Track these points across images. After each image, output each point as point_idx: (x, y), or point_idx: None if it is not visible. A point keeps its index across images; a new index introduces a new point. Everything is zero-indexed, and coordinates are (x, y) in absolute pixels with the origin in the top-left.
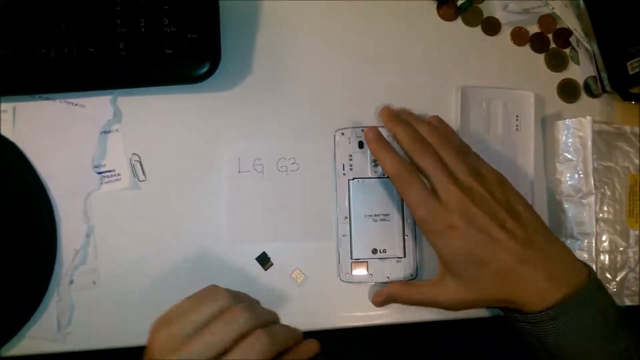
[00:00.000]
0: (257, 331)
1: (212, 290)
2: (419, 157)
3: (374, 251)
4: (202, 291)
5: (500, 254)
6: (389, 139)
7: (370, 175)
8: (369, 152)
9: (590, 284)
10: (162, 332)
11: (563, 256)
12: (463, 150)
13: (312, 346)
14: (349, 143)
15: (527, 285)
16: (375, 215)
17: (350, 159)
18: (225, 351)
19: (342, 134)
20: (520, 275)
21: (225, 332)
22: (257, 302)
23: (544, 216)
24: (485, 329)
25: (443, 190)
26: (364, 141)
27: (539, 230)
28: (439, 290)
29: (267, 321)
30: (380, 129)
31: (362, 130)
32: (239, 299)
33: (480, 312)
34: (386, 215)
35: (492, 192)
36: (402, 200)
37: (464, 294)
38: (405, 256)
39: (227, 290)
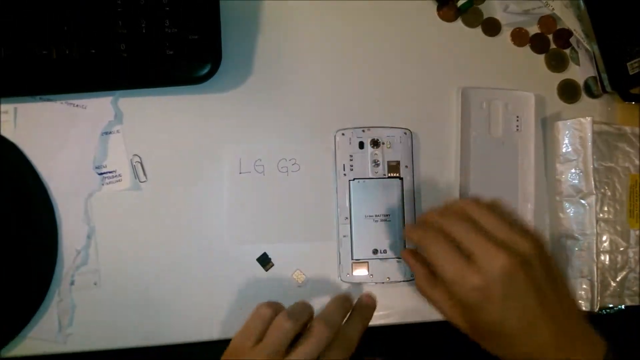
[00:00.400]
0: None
1: (255, 314)
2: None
3: (375, 251)
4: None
5: (536, 331)
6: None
7: (370, 176)
8: (369, 152)
9: None
10: None
11: (586, 337)
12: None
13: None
14: (350, 143)
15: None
16: (376, 215)
17: (351, 160)
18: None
19: (343, 134)
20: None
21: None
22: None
23: (545, 216)
24: None
25: (480, 252)
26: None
27: (572, 307)
28: (453, 314)
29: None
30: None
31: (363, 131)
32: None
33: None
34: (387, 215)
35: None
36: (403, 200)
37: (472, 333)
38: None
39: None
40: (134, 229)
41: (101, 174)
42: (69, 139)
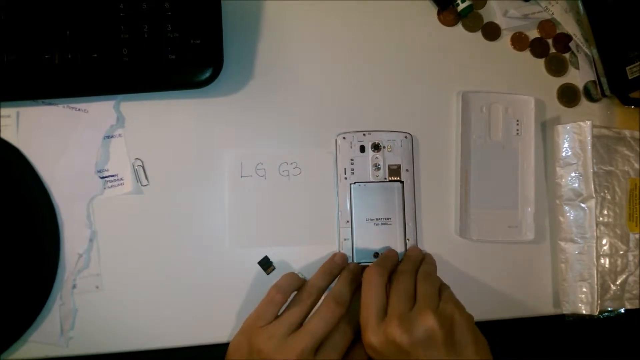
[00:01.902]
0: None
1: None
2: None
3: (375, 255)
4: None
5: None
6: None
7: (371, 179)
8: (370, 156)
9: None
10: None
11: None
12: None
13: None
14: (351, 147)
15: None
16: (377, 219)
17: (352, 163)
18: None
19: (344, 138)
20: None
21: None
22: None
23: (545, 220)
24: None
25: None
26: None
27: None
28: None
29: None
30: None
31: (364, 135)
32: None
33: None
34: (387, 219)
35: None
36: (404, 204)
37: None
38: None
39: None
40: (136, 233)
41: (103, 177)
42: (71, 143)
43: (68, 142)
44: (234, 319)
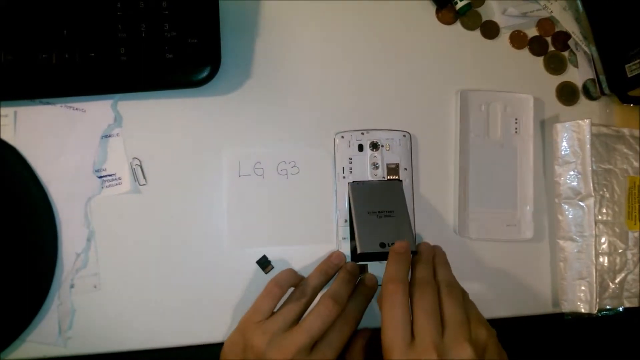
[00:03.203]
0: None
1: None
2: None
3: (382, 245)
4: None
5: None
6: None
7: (370, 178)
8: (368, 154)
9: None
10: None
11: None
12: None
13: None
14: (349, 146)
15: None
16: (379, 212)
17: (350, 162)
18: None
19: (342, 137)
20: None
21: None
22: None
23: (544, 218)
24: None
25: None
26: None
27: None
28: None
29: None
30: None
31: (362, 134)
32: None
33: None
34: (390, 212)
35: None
36: (404, 202)
37: None
38: None
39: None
40: (134, 232)
41: (101, 177)
42: (69, 143)
43: (66, 141)
44: (232, 318)
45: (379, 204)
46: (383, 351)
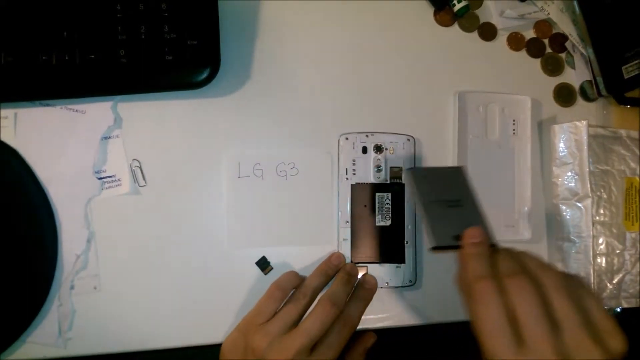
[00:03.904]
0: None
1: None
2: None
3: (456, 237)
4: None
5: None
6: None
7: (372, 181)
8: (372, 157)
9: None
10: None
11: None
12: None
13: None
14: (353, 148)
15: None
16: (449, 201)
17: (354, 164)
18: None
19: (347, 138)
20: None
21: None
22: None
23: (542, 220)
24: None
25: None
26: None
27: None
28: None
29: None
30: None
31: (367, 136)
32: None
33: None
34: (458, 201)
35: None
36: (403, 208)
37: None
38: (405, 262)
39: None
40: (134, 234)
41: (101, 178)
42: (69, 144)
43: (66, 143)
44: (231, 319)
45: (445, 193)
46: (487, 354)
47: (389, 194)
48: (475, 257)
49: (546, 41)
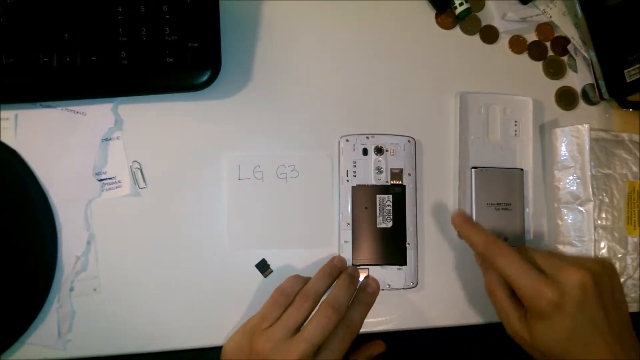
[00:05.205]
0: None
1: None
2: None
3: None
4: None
5: (597, 347)
6: None
7: (373, 182)
8: (372, 159)
9: None
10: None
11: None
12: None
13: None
14: (354, 150)
15: None
16: (498, 204)
17: (354, 166)
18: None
19: (347, 140)
20: None
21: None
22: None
23: (543, 223)
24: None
25: (556, 270)
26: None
27: (631, 333)
28: (516, 323)
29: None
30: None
31: (367, 138)
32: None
33: (485, 318)
34: (508, 204)
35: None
36: (404, 210)
37: (531, 345)
38: (406, 264)
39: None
40: (134, 235)
41: (101, 180)
42: (69, 146)
43: (66, 144)
44: (232, 321)
45: (499, 195)
46: (526, 299)
47: (390, 196)
48: (476, 229)
49: (548, 44)
